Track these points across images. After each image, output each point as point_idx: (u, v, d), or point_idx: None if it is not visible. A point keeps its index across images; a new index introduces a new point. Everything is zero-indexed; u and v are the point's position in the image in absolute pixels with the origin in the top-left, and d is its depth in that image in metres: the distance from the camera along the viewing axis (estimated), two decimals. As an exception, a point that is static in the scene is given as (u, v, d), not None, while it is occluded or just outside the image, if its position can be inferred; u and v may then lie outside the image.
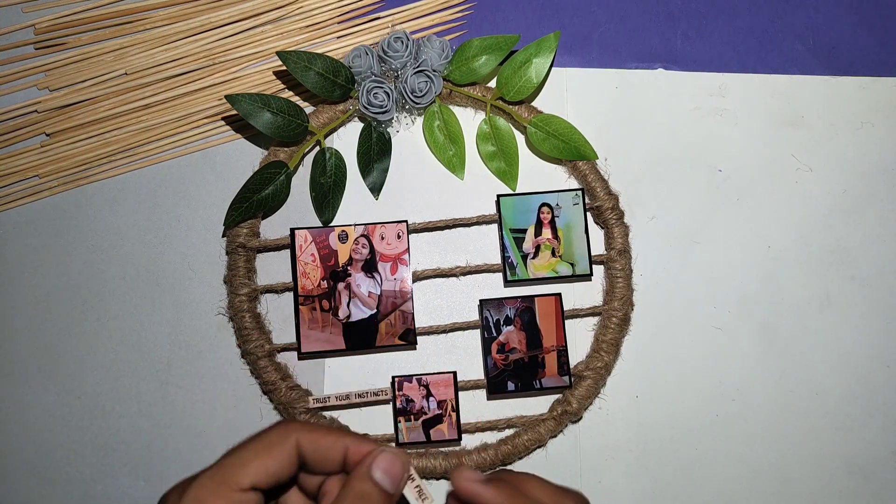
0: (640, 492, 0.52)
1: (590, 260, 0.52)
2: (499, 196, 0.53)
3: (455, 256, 0.54)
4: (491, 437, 0.52)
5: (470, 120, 0.55)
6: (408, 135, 0.55)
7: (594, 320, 0.53)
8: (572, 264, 0.52)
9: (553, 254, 0.52)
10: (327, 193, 0.53)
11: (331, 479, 0.37)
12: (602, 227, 0.54)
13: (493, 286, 0.54)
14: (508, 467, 0.51)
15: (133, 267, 0.54)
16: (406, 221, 0.52)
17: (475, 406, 0.52)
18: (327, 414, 0.51)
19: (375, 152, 0.54)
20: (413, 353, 0.53)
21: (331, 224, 0.53)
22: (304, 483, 0.37)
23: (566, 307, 0.52)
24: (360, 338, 0.51)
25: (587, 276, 0.53)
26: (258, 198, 0.51)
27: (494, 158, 0.54)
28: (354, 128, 0.55)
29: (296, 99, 0.55)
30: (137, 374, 0.53)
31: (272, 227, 0.54)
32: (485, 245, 0.54)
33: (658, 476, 0.52)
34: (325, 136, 0.53)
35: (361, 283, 0.51)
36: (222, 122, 0.55)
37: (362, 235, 0.52)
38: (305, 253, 0.51)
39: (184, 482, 0.35)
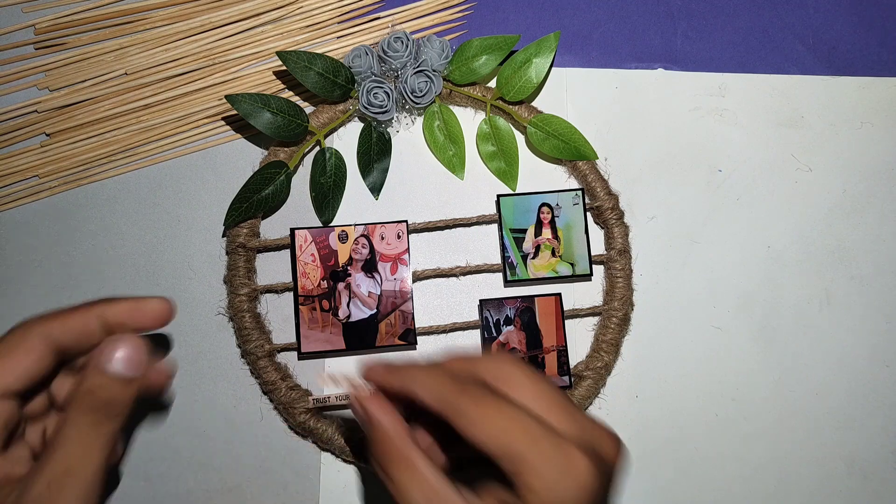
0: (640, 491, 0.52)
1: (590, 260, 0.52)
2: (499, 196, 0.53)
3: (455, 256, 0.54)
4: (491, 437, 0.51)
5: (470, 120, 0.55)
6: (408, 135, 0.55)
7: (594, 320, 0.53)
8: (572, 264, 0.52)
9: (553, 254, 0.52)
10: (327, 193, 0.53)
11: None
12: (602, 227, 0.54)
13: (493, 286, 0.54)
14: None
15: (133, 267, 0.54)
16: (406, 221, 0.52)
17: (475, 406, 0.52)
18: (328, 414, 0.51)
19: (375, 152, 0.54)
20: (413, 353, 0.53)
21: (331, 224, 0.53)
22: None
23: (566, 307, 0.52)
24: (360, 338, 0.51)
25: (587, 276, 0.53)
26: (258, 198, 0.51)
27: (494, 158, 0.54)
28: (354, 128, 0.55)
29: (296, 99, 0.55)
30: (137, 374, 0.53)
31: (272, 227, 0.54)
32: (485, 245, 0.54)
33: (658, 476, 0.52)
34: (325, 136, 0.53)
35: (361, 283, 0.51)
36: (222, 122, 0.55)
37: (362, 235, 0.52)
38: (305, 253, 0.51)
39: None
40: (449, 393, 0.32)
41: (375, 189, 0.54)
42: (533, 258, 0.52)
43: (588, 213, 0.53)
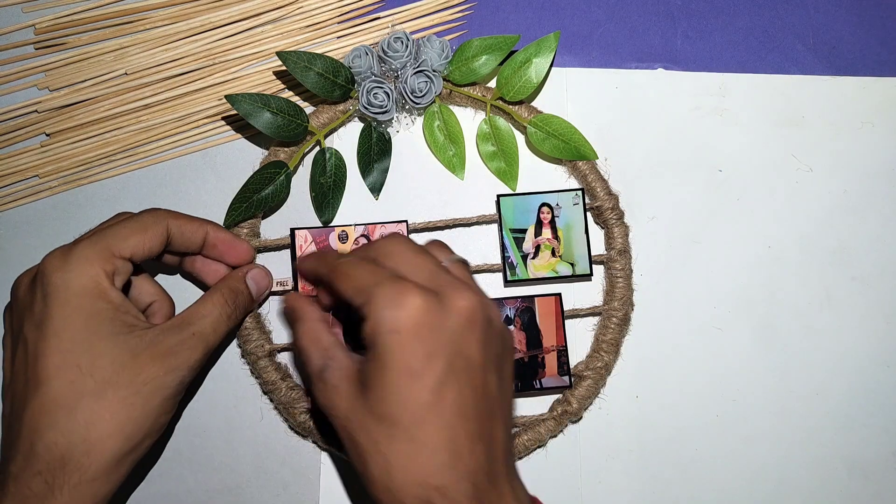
0: (640, 491, 0.52)
1: (590, 260, 0.52)
2: (499, 196, 0.53)
3: (455, 256, 0.54)
4: (491, 437, 0.51)
5: (470, 120, 0.55)
6: (408, 135, 0.55)
7: (594, 320, 0.53)
8: (572, 264, 0.52)
9: (553, 254, 0.52)
10: (327, 193, 0.53)
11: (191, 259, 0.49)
12: (602, 227, 0.54)
13: (493, 286, 0.54)
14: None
15: (133, 267, 0.54)
16: (406, 221, 0.52)
17: (475, 406, 0.52)
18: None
19: (375, 152, 0.54)
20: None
21: (331, 224, 0.53)
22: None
23: (566, 307, 0.52)
24: (361, 337, 0.50)
25: (587, 276, 0.53)
26: (258, 198, 0.51)
27: (494, 158, 0.54)
28: (354, 128, 0.55)
29: (296, 99, 0.55)
30: (137, 374, 0.53)
31: (272, 227, 0.54)
32: (485, 245, 0.54)
33: (658, 476, 0.52)
34: (325, 136, 0.53)
35: (361, 283, 0.51)
36: (222, 122, 0.55)
37: (362, 235, 0.52)
38: (305, 253, 0.51)
39: (63, 247, 0.42)
40: (333, 263, 0.41)
41: (375, 189, 0.54)
42: (533, 258, 0.52)
43: (588, 213, 0.53)
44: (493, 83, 0.54)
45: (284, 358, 0.53)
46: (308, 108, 0.54)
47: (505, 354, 0.41)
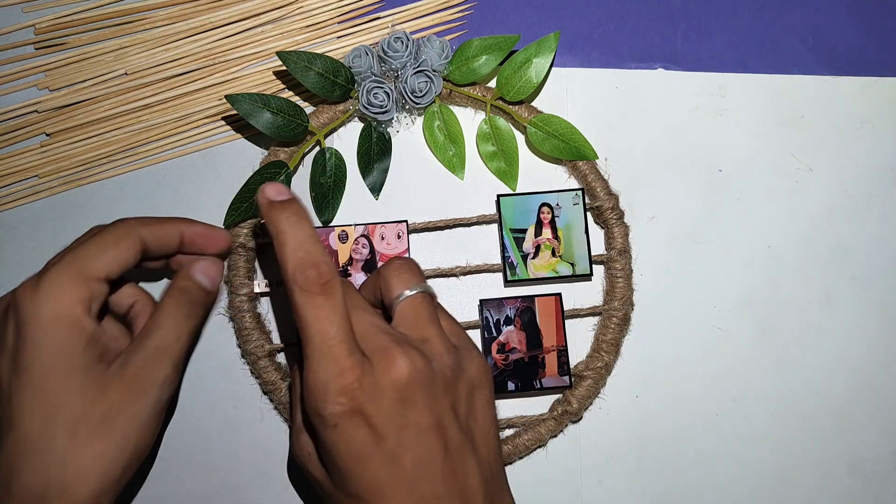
0: (641, 491, 0.52)
1: (590, 260, 0.52)
2: (499, 196, 0.53)
3: (455, 256, 0.54)
4: (491, 438, 0.51)
5: (470, 120, 0.55)
6: (408, 135, 0.55)
7: (594, 320, 0.53)
8: (572, 264, 0.52)
9: (553, 254, 0.52)
10: (327, 193, 0.53)
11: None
12: (602, 227, 0.54)
13: (493, 286, 0.54)
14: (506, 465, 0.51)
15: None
16: (406, 221, 0.52)
17: (475, 406, 0.52)
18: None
19: (375, 152, 0.54)
20: (413, 353, 0.53)
21: (331, 224, 0.53)
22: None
23: (566, 307, 0.52)
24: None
25: (587, 276, 0.53)
26: (258, 198, 0.51)
27: (494, 158, 0.54)
28: (354, 128, 0.55)
29: (296, 99, 0.55)
30: (137, 374, 0.53)
31: (272, 227, 0.54)
32: (485, 245, 0.54)
33: (658, 476, 0.52)
34: (325, 136, 0.53)
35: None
36: (222, 122, 0.55)
37: (362, 235, 0.52)
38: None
39: (34, 277, 0.40)
40: (297, 268, 0.36)
41: (375, 189, 0.54)
42: (533, 258, 0.52)
43: (588, 213, 0.53)
44: (493, 83, 0.54)
45: (284, 358, 0.53)
46: (308, 108, 0.54)
47: (473, 392, 0.39)
